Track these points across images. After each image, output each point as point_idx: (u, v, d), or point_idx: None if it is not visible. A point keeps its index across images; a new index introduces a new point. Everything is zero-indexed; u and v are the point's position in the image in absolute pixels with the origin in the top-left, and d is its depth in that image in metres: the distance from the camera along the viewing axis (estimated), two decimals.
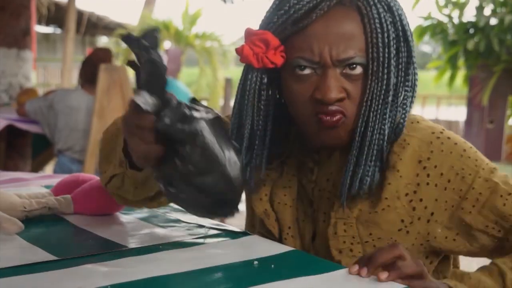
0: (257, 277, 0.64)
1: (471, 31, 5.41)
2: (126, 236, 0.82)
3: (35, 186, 1.15)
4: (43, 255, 0.71)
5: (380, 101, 0.82)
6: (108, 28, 10.38)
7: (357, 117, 0.83)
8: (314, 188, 0.90)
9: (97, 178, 1.00)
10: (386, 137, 0.84)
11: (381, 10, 0.82)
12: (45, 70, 10.93)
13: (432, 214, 0.85)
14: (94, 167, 3.14)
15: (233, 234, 0.82)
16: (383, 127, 0.83)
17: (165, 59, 4.22)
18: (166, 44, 9.19)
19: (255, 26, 0.88)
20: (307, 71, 0.82)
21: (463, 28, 5.48)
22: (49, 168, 4.31)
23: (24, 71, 4.27)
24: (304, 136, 0.89)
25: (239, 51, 0.85)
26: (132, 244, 0.77)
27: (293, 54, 0.83)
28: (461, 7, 5.51)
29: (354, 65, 0.82)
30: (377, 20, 0.81)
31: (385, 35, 0.82)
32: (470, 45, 5.26)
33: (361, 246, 0.85)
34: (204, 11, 10.26)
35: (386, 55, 0.82)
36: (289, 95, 0.86)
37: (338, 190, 0.86)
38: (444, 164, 0.85)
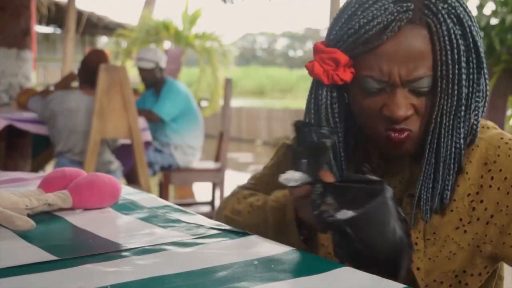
0: (257, 277, 0.64)
1: None
2: (126, 236, 0.82)
3: (34, 186, 1.15)
4: (43, 255, 0.71)
5: (452, 116, 0.84)
6: (108, 28, 10.39)
7: (425, 131, 0.86)
8: None
9: (85, 173, 1.02)
10: (462, 150, 0.86)
11: (451, 25, 0.82)
12: (45, 70, 10.94)
13: (492, 216, 0.86)
14: (94, 167, 3.14)
15: (233, 234, 0.82)
16: (458, 141, 0.85)
17: (165, 59, 4.22)
18: (166, 44, 9.19)
19: (320, 38, 0.91)
20: (376, 88, 0.85)
21: None
22: (49, 168, 4.31)
23: (24, 71, 4.28)
24: (374, 144, 0.94)
25: (309, 67, 0.87)
26: (132, 244, 0.77)
27: (362, 72, 0.85)
28: None
29: (422, 91, 0.84)
30: (446, 38, 0.81)
31: (455, 51, 0.82)
32: None
33: (423, 242, 0.88)
34: (204, 11, 10.25)
35: (456, 71, 0.82)
36: (358, 109, 0.89)
37: (408, 192, 0.90)
38: (510, 169, 0.86)
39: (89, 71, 3.31)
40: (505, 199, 0.85)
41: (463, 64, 0.82)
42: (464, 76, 0.83)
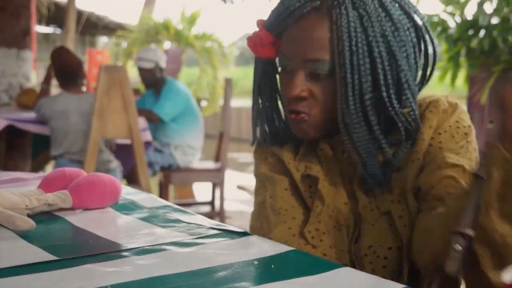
0: (257, 277, 0.64)
1: (474, 29, 5.40)
2: (126, 236, 0.82)
3: (34, 186, 1.15)
4: (43, 255, 0.71)
5: (357, 105, 0.90)
6: (108, 28, 10.39)
7: (322, 116, 0.93)
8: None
9: (85, 173, 1.02)
10: (380, 141, 0.93)
11: (351, 16, 0.88)
12: (45, 70, 10.93)
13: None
14: (94, 167, 3.14)
15: (233, 234, 0.82)
16: (368, 131, 0.92)
17: (165, 59, 4.22)
18: (166, 44, 9.19)
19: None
20: (285, 66, 0.96)
21: (466, 26, 5.47)
22: (49, 168, 4.31)
23: (24, 71, 4.28)
24: None
25: (247, 41, 0.99)
26: (132, 244, 0.77)
27: (280, 50, 0.97)
28: (462, 5, 5.50)
29: (320, 75, 0.91)
30: (345, 27, 0.89)
31: (353, 41, 0.88)
32: (474, 43, 5.26)
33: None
34: (204, 11, 10.26)
35: (355, 61, 0.88)
36: (280, 88, 1.01)
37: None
38: (431, 122, 0.96)
39: (66, 72, 3.36)
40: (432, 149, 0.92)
41: (361, 56, 0.89)
42: (363, 67, 0.89)
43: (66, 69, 3.38)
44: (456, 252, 0.71)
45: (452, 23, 5.61)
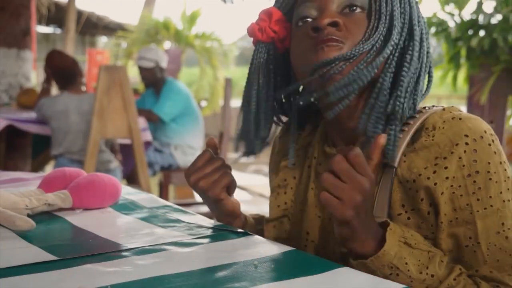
0: (257, 277, 0.64)
1: (474, 28, 5.40)
2: (126, 236, 0.82)
3: (34, 186, 1.15)
4: (43, 255, 0.71)
5: (386, 43, 0.83)
6: (108, 28, 10.39)
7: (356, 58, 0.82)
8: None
9: (86, 173, 1.02)
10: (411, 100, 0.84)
11: None
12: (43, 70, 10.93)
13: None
14: (94, 167, 3.14)
15: (233, 234, 0.82)
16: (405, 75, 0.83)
17: (166, 59, 4.22)
18: (166, 44, 9.19)
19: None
20: (308, 19, 0.87)
21: (465, 26, 5.47)
22: (49, 168, 4.31)
23: (24, 71, 4.27)
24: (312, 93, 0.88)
25: (248, 28, 0.93)
26: (132, 244, 0.77)
27: (296, 10, 0.89)
28: (461, 5, 5.50)
29: (354, 7, 0.85)
30: None
31: None
32: (474, 42, 5.26)
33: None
34: (204, 11, 10.26)
35: (390, 4, 0.85)
36: (292, 49, 0.90)
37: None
38: (442, 141, 0.87)
39: (64, 73, 3.38)
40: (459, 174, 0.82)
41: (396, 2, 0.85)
42: (396, 10, 0.85)
43: (63, 71, 3.39)
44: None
45: (451, 23, 5.61)
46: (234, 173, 0.95)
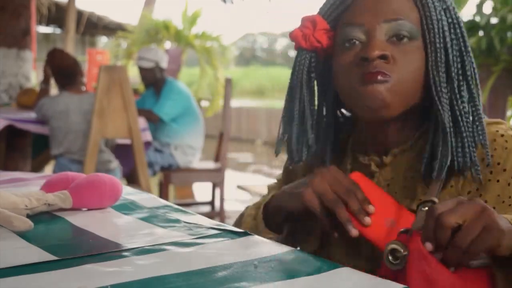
0: (257, 277, 0.64)
1: (473, 29, 5.41)
2: (126, 236, 0.82)
3: (34, 186, 1.15)
4: (43, 255, 0.71)
5: (442, 71, 0.85)
6: (108, 28, 10.39)
7: (403, 84, 0.85)
8: None
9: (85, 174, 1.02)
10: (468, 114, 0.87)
11: None
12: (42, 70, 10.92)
13: (494, 208, 0.85)
14: (94, 167, 3.14)
15: (233, 234, 0.82)
16: (461, 104, 0.86)
17: (166, 59, 4.22)
18: (166, 44, 9.19)
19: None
20: (355, 42, 0.88)
21: (464, 26, 5.47)
22: (49, 168, 4.31)
23: (24, 71, 4.27)
24: (354, 114, 0.95)
25: (291, 33, 0.93)
26: (132, 244, 0.77)
27: (341, 28, 0.90)
28: (460, 5, 5.50)
29: (402, 36, 0.85)
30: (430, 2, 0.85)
31: (437, 10, 0.86)
32: (471, 43, 5.26)
33: None
34: (204, 11, 10.26)
35: (441, 27, 0.85)
36: (337, 68, 0.91)
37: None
38: (508, 160, 0.85)
39: (65, 73, 3.38)
40: (506, 190, 0.84)
41: (445, 24, 0.86)
42: (448, 35, 0.86)
43: (64, 70, 3.40)
44: (422, 212, 0.79)
45: None
46: (234, 173, 0.96)
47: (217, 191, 4.28)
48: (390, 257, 0.78)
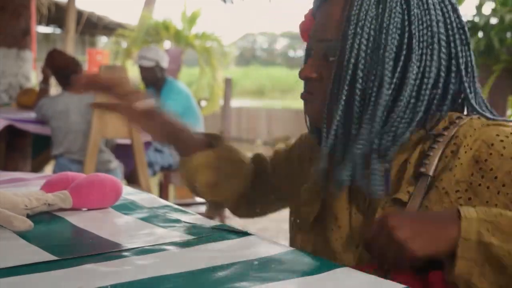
0: (257, 277, 0.64)
1: (472, 30, 5.40)
2: (126, 236, 0.82)
3: (34, 186, 1.15)
4: (43, 255, 0.71)
5: (342, 89, 0.86)
6: (108, 28, 10.38)
7: (323, 99, 0.89)
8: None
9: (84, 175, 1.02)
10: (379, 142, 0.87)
11: (366, 1, 0.86)
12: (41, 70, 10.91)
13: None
14: (94, 167, 3.14)
15: (233, 234, 0.82)
16: (367, 126, 0.86)
17: (166, 59, 4.22)
18: (166, 44, 9.19)
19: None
20: (309, 50, 0.96)
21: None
22: (49, 168, 4.31)
23: (24, 71, 4.27)
24: None
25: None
26: (132, 244, 0.77)
27: None
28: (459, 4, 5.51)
29: (328, 57, 0.89)
30: (356, 8, 0.86)
31: (359, 24, 0.85)
32: (472, 43, 5.26)
33: None
34: (204, 11, 10.26)
35: (356, 46, 0.85)
36: None
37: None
38: (501, 168, 0.82)
39: (65, 73, 3.39)
40: (494, 198, 0.82)
41: (367, 41, 0.85)
42: (363, 54, 0.84)
43: (64, 71, 3.40)
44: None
45: None
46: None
47: None
48: None
